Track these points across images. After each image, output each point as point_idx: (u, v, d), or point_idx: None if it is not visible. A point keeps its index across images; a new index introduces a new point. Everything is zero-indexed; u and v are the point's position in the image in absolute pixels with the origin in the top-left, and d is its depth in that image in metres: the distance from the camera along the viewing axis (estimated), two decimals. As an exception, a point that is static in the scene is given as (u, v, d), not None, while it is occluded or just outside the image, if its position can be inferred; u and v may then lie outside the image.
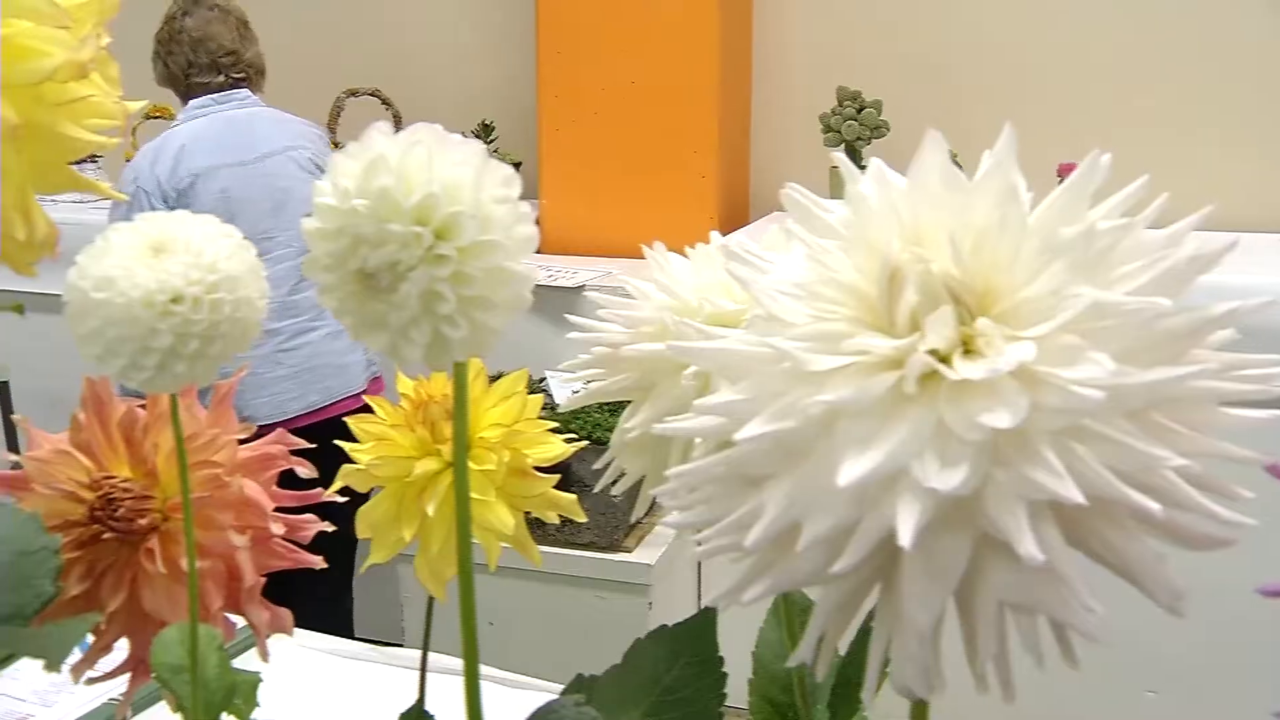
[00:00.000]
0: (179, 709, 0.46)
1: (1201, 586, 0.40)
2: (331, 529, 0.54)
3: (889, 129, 2.55)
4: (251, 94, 2.24)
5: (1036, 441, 0.28)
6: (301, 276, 1.50)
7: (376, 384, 2.26)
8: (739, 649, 0.53)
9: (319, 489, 0.54)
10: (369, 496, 0.53)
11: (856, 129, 2.54)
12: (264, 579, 0.53)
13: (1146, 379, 0.28)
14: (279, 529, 0.53)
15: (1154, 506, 0.27)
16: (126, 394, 0.54)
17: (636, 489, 0.47)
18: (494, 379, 0.53)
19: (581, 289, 2.30)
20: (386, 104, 2.98)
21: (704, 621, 0.49)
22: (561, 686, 0.89)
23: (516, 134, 2.80)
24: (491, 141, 2.87)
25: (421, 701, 0.52)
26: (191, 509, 0.45)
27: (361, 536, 0.53)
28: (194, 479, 0.50)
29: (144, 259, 0.38)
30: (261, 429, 0.54)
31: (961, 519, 0.29)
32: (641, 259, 0.47)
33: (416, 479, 0.50)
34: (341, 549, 0.79)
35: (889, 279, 0.31)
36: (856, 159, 2.62)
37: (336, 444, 0.53)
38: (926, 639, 0.29)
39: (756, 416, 0.30)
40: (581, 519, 0.53)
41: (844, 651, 0.43)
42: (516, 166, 2.47)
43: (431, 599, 0.52)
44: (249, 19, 2.27)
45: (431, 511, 0.49)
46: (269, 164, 2.15)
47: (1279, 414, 0.30)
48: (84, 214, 2.60)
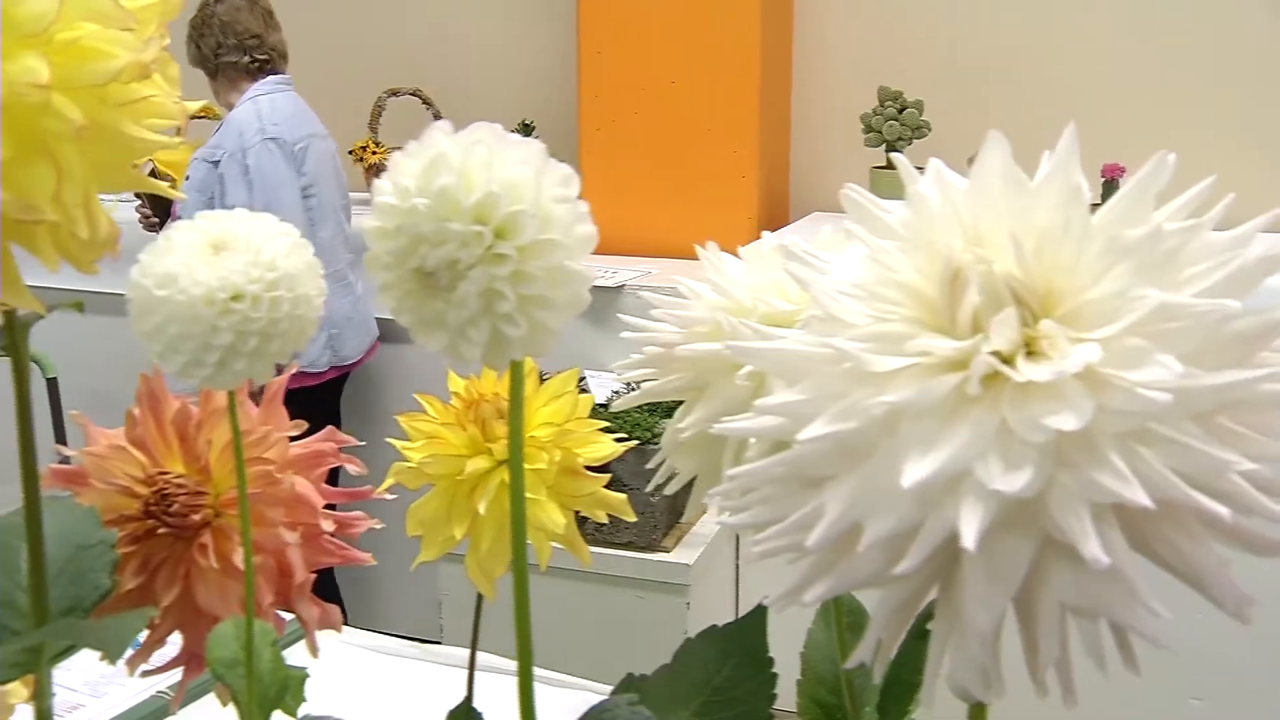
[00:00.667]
0: (233, 703, 0.47)
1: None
2: (380, 526, 0.55)
3: (930, 129, 2.54)
4: None
5: (1101, 444, 0.28)
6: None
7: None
8: (787, 650, 0.53)
9: (369, 486, 0.55)
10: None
11: (897, 129, 2.53)
12: (314, 575, 0.54)
13: (1215, 382, 0.28)
14: (329, 526, 0.53)
15: (1223, 511, 0.27)
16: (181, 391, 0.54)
17: (682, 489, 0.47)
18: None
19: (621, 288, 2.30)
20: (427, 104, 2.99)
21: (754, 622, 0.49)
22: (601, 685, 0.89)
23: (556, 134, 2.80)
24: (531, 141, 2.88)
25: (470, 699, 0.52)
26: (247, 504, 0.46)
27: (411, 534, 0.53)
28: (246, 475, 0.51)
29: (205, 257, 0.38)
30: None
31: (1024, 521, 0.29)
32: (681, 258, 0.47)
33: (467, 477, 0.50)
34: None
35: (951, 280, 0.31)
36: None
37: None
38: (987, 641, 0.29)
39: (818, 417, 0.30)
40: (631, 518, 0.53)
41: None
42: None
43: (480, 597, 0.53)
44: (274, 9, 2.53)
45: (483, 510, 0.49)
46: (331, 142, 2.49)
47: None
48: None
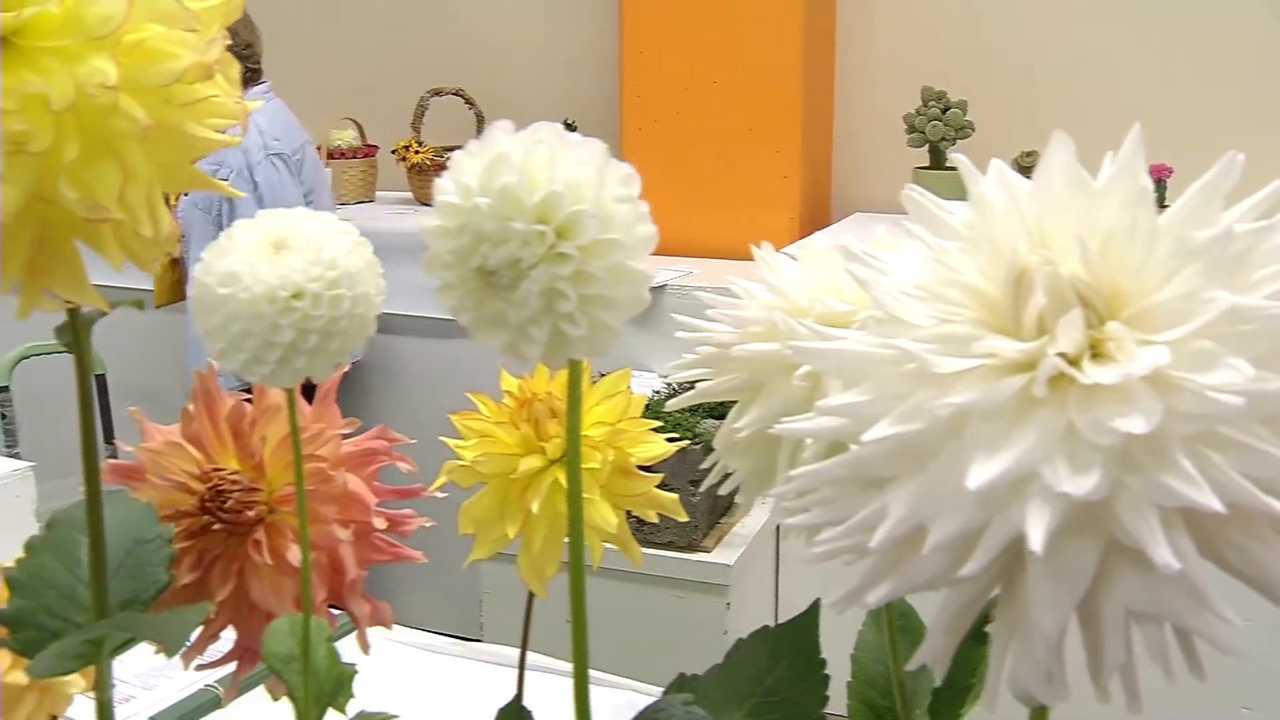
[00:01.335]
0: (288, 698, 0.47)
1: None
2: (431, 524, 0.55)
3: (974, 129, 2.52)
4: None
5: (1170, 447, 0.28)
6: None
7: None
8: (837, 652, 0.53)
9: (420, 485, 0.55)
10: None
11: (941, 129, 2.52)
12: (365, 572, 0.54)
13: (1287, 385, 0.28)
14: (380, 523, 0.54)
15: (1296, 516, 0.27)
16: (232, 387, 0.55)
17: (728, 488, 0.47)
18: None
19: (663, 288, 2.30)
20: (470, 103, 3.00)
21: (806, 623, 0.49)
22: (643, 684, 0.89)
23: (598, 133, 2.78)
24: (573, 141, 2.89)
25: (520, 697, 0.52)
26: (305, 502, 0.46)
27: (462, 532, 0.53)
28: (300, 473, 0.51)
29: (266, 255, 0.38)
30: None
31: (1090, 524, 0.28)
32: (722, 259, 0.47)
33: (520, 476, 0.50)
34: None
35: (1016, 281, 0.30)
36: (940, 160, 2.59)
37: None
38: (1052, 644, 0.29)
39: (881, 419, 0.29)
40: (683, 518, 0.53)
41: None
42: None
43: (532, 596, 0.53)
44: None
45: (536, 509, 0.49)
46: (313, 143, 2.63)
47: None
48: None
